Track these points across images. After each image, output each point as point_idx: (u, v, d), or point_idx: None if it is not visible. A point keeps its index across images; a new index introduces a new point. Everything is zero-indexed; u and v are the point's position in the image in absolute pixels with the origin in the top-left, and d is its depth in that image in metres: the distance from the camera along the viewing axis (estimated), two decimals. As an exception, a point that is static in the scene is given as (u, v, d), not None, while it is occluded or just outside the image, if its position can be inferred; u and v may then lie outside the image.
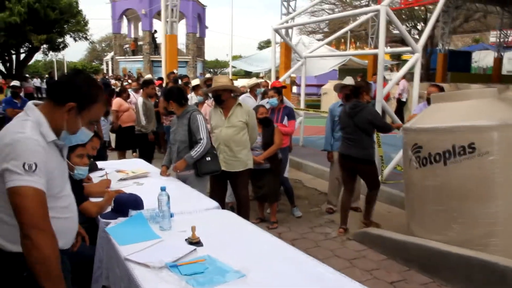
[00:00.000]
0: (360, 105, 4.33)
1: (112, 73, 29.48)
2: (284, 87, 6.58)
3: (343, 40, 24.05)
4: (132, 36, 30.87)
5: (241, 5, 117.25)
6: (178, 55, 13.99)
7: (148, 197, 2.78)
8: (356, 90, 4.46)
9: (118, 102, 6.83)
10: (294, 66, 9.78)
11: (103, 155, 5.64)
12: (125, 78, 20.21)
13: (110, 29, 31.80)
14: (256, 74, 21.12)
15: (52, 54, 25.39)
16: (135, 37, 30.92)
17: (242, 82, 11.28)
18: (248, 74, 27.62)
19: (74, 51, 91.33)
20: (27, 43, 20.39)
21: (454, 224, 3.44)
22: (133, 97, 7.55)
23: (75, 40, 22.23)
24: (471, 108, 3.49)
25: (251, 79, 7.39)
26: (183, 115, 3.90)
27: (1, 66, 21.75)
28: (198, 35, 30.20)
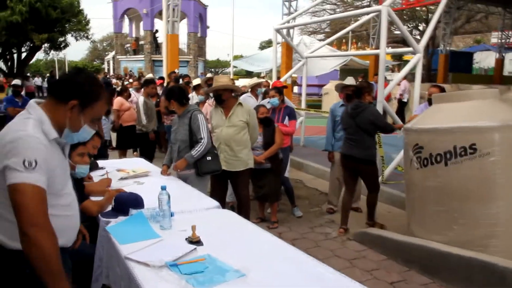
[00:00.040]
0: (362, 106, 4.33)
1: (113, 73, 29.51)
2: (285, 87, 6.59)
3: (345, 41, 24.04)
4: (134, 36, 30.89)
5: (243, 5, 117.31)
6: (179, 55, 13.96)
7: (149, 196, 2.79)
8: (358, 91, 4.46)
9: (119, 101, 6.83)
10: (295, 66, 9.78)
11: (104, 154, 5.64)
12: (126, 78, 20.26)
13: (112, 29, 31.91)
14: (257, 74, 21.07)
15: (54, 53, 25.38)
16: (137, 37, 30.94)
17: (243, 82, 11.28)
18: (249, 74, 27.57)
19: (76, 50, 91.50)
20: (29, 42, 20.43)
21: (455, 225, 3.44)
22: (134, 97, 7.55)
23: (77, 39, 22.36)
24: (472, 109, 3.49)
25: (252, 79, 7.40)
26: (184, 115, 3.90)
27: (3, 65, 21.81)
28: (200, 35, 30.22)
